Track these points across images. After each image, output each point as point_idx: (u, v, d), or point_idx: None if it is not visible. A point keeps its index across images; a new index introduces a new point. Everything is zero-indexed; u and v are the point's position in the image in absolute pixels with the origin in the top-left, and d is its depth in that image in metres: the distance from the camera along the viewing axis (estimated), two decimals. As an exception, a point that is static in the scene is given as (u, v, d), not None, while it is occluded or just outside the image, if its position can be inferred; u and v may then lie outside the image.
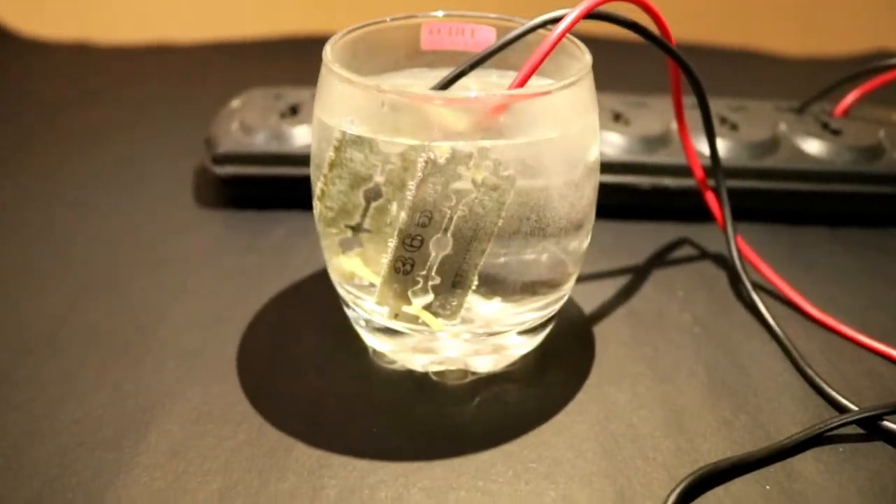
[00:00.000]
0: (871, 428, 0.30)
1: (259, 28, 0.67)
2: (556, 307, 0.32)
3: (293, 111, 0.44)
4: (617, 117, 0.44)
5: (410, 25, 0.32)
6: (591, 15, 0.29)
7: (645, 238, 0.42)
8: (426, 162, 0.27)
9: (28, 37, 0.69)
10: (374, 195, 0.30)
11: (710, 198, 0.38)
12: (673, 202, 0.42)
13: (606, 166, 0.41)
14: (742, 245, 0.37)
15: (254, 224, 0.42)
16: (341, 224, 0.31)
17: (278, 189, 0.42)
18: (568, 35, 0.29)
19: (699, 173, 0.38)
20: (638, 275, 0.39)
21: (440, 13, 0.32)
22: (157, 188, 0.46)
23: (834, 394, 0.31)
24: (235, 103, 0.45)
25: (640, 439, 0.29)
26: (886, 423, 0.30)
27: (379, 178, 0.29)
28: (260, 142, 0.42)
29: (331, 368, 0.32)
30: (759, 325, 0.35)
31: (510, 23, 0.31)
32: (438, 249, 0.28)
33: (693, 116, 0.38)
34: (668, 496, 0.27)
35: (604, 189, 0.40)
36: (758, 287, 0.37)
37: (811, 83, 0.48)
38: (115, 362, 0.33)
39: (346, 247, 0.31)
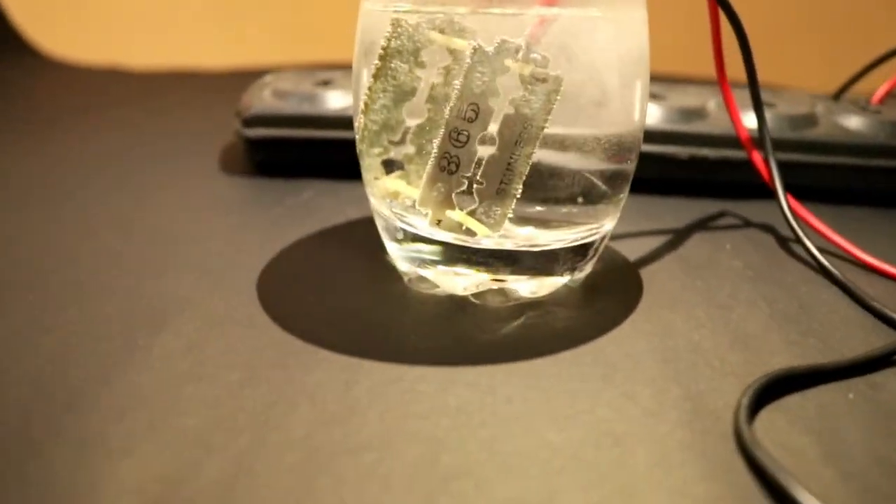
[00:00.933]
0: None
1: (277, 57, 0.68)
2: (598, 234, 0.30)
3: (326, 83, 0.43)
4: (652, 96, 0.43)
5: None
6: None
7: (685, 209, 0.39)
8: (474, 50, 0.26)
9: (59, 59, 0.71)
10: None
11: (756, 157, 0.36)
12: (711, 174, 0.40)
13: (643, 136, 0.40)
14: (792, 201, 0.36)
15: (282, 187, 0.40)
16: (384, 140, 0.30)
17: (309, 152, 0.41)
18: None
19: (742, 131, 0.36)
20: (681, 233, 0.37)
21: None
22: (184, 162, 0.45)
23: (908, 321, 0.28)
24: (268, 77, 0.45)
25: (702, 352, 0.26)
26: (972, 341, 0.27)
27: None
28: (292, 104, 0.41)
29: (363, 292, 0.30)
30: (815, 273, 0.33)
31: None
32: (484, 148, 0.27)
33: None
34: (744, 394, 0.24)
35: (641, 159, 0.39)
36: (811, 240, 0.34)
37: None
38: (131, 274, 0.30)
39: (388, 169, 0.30)
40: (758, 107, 0.35)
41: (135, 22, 0.74)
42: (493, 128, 0.26)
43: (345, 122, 0.40)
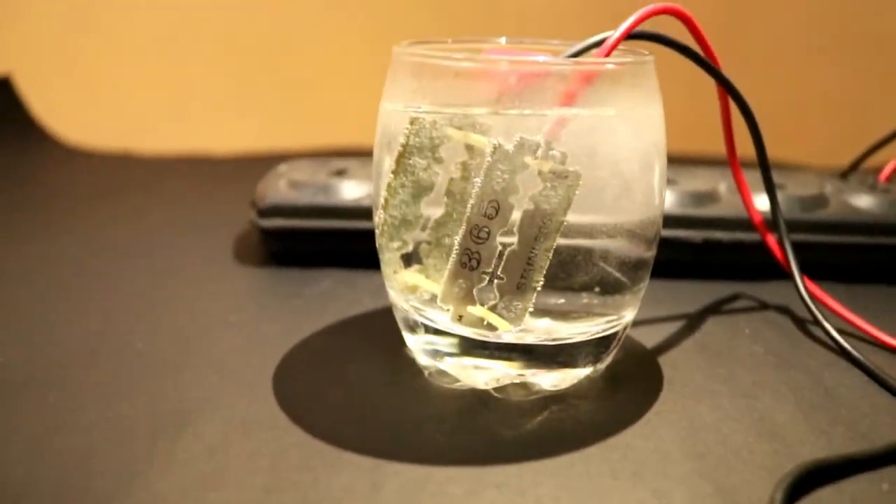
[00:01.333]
0: None
1: (289, 142, 0.70)
2: (619, 325, 0.30)
3: (340, 173, 0.44)
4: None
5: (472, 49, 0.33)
6: (640, 36, 0.29)
7: (701, 292, 0.40)
8: (494, 148, 0.27)
9: (74, 146, 0.72)
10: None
11: (770, 240, 0.37)
12: (725, 256, 0.41)
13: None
14: (809, 283, 0.36)
15: (299, 277, 0.41)
16: (403, 235, 0.30)
17: (324, 243, 0.41)
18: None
19: (756, 215, 0.37)
20: (699, 318, 0.37)
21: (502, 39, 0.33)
22: (199, 251, 0.45)
23: (937, 406, 0.28)
24: (283, 167, 0.45)
25: (731, 444, 0.26)
26: None
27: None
28: (307, 195, 0.42)
29: (384, 387, 0.30)
30: (836, 355, 0.33)
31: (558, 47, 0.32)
32: (505, 244, 0.27)
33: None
34: (776, 489, 0.23)
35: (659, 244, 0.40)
36: (829, 322, 0.34)
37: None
38: (150, 372, 0.30)
39: (406, 263, 0.30)
40: (770, 190, 0.35)
41: (147, 108, 0.76)
42: (513, 220, 0.27)
43: (360, 212, 0.41)
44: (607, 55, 0.27)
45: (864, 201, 0.42)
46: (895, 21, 0.69)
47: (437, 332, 0.29)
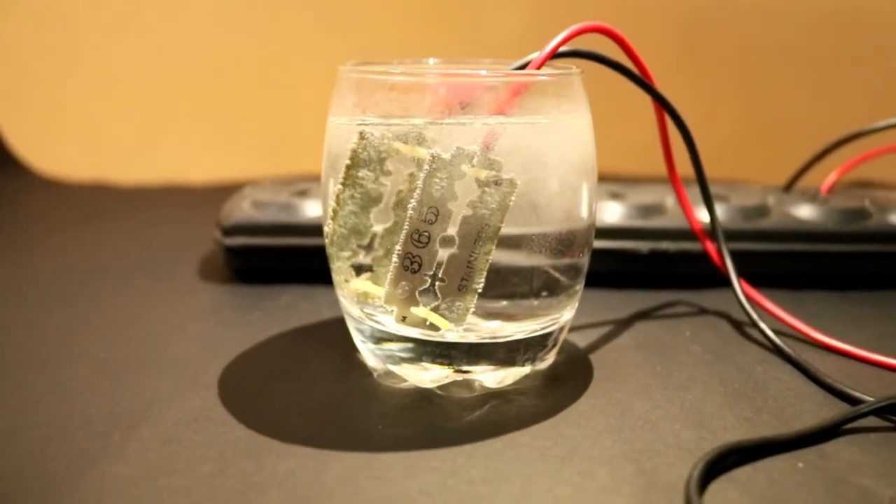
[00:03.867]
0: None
1: (259, 171, 0.72)
2: (556, 325, 0.32)
3: (301, 193, 0.46)
4: (614, 195, 0.46)
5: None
6: (575, 54, 0.32)
7: (646, 299, 0.42)
8: (432, 157, 0.29)
9: (48, 175, 0.75)
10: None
11: (710, 248, 0.39)
12: (672, 266, 0.43)
13: (606, 232, 0.43)
14: (745, 286, 0.38)
15: (260, 292, 0.43)
16: (353, 244, 0.32)
17: (286, 259, 0.43)
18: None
19: (696, 223, 0.39)
20: (643, 323, 0.39)
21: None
22: (165, 270, 0.47)
23: (857, 394, 0.30)
24: (248, 189, 0.48)
25: (658, 430, 0.28)
26: (916, 411, 0.29)
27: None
28: (269, 214, 0.44)
29: (334, 387, 0.32)
30: (771, 353, 0.35)
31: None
32: (445, 248, 0.29)
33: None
34: (695, 467, 0.25)
35: (604, 255, 0.42)
36: (765, 323, 0.36)
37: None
38: (112, 376, 0.32)
39: (357, 271, 0.32)
40: (707, 200, 0.38)
41: (121, 138, 0.78)
42: (452, 229, 0.29)
43: (321, 229, 0.43)
44: (537, 69, 0.30)
45: (804, 211, 0.44)
46: (839, 46, 0.73)
47: (386, 335, 0.31)
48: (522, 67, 0.32)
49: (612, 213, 0.44)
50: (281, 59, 0.77)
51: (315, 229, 0.43)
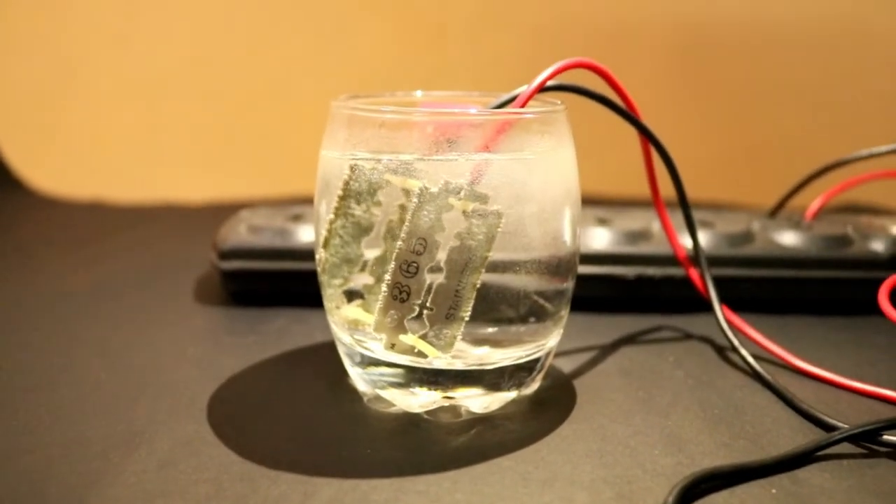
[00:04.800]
0: (872, 442, 0.30)
1: (254, 191, 0.74)
2: (541, 351, 0.33)
3: (296, 218, 0.48)
4: (601, 221, 0.48)
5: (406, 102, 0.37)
6: (561, 88, 0.34)
7: (632, 324, 0.43)
8: (421, 190, 0.30)
9: (45, 194, 0.76)
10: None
11: (693, 273, 0.41)
12: (658, 291, 0.45)
13: (592, 258, 0.44)
14: (728, 312, 0.39)
15: (256, 316, 0.44)
16: (344, 272, 0.34)
17: (281, 283, 0.45)
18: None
19: (679, 250, 0.40)
20: (626, 348, 0.40)
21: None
22: (161, 293, 0.48)
23: (832, 421, 0.31)
24: (244, 213, 0.49)
25: (637, 455, 0.29)
26: (887, 437, 0.30)
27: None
28: (265, 238, 0.45)
29: (324, 411, 0.33)
30: (751, 378, 0.36)
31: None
32: (433, 277, 0.31)
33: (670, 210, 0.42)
34: (670, 493, 0.26)
35: (590, 281, 0.44)
36: (746, 348, 0.38)
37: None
38: (109, 400, 0.34)
39: (348, 298, 0.34)
40: (691, 228, 0.39)
41: (119, 157, 0.80)
42: (442, 254, 0.30)
43: (314, 254, 0.44)
44: (522, 106, 0.32)
45: (788, 238, 0.46)
46: (827, 68, 0.75)
47: (375, 361, 0.32)
48: (510, 101, 0.33)
49: (599, 238, 0.45)
50: (279, 79, 0.79)
51: (309, 254, 0.45)
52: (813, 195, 0.50)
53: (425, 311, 0.30)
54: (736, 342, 0.37)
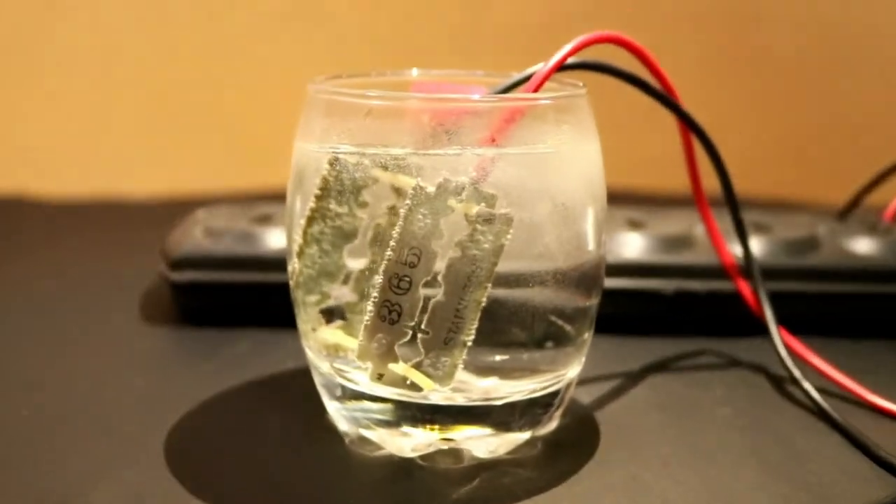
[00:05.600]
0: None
1: (210, 183, 0.74)
2: (560, 383, 0.34)
3: (264, 219, 0.48)
4: (633, 224, 0.48)
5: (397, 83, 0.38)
6: (581, 66, 0.34)
7: (670, 349, 0.44)
8: (415, 190, 0.31)
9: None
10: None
11: (744, 288, 0.41)
12: (701, 309, 0.45)
13: (622, 269, 0.45)
14: (786, 335, 0.40)
15: (215, 338, 0.45)
16: (323, 287, 0.34)
17: (246, 298, 0.45)
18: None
19: (728, 258, 0.41)
20: (663, 379, 0.41)
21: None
22: (101, 310, 0.49)
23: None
24: (200, 213, 0.50)
25: (677, 512, 0.30)
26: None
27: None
28: (226, 245, 0.46)
29: (299, 457, 0.33)
30: (816, 417, 0.37)
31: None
32: (429, 294, 0.31)
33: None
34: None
35: (621, 297, 0.44)
36: (809, 380, 0.38)
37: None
38: (41, 444, 0.34)
39: (327, 319, 0.34)
40: (741, 232, 0.40)
41: (47, 145, 0.80)
42: (439, 270, 0.31)
43: (286, 263, 0.45)
44: (536, 90, 0.32)
45: (861, 245, 0.46)
46: None
47: (361, 396, 0.33)
48: (521, 83, 0.34)
49: (630, 245, 0.46)
50: (244, 52, 0.80)
51: (280, 264, 0.45)
52: (893, 191, 0.51)
53: (420, 335, 0.30)
54: (797, 373, 0.38)
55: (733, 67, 0.76)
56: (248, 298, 0.46)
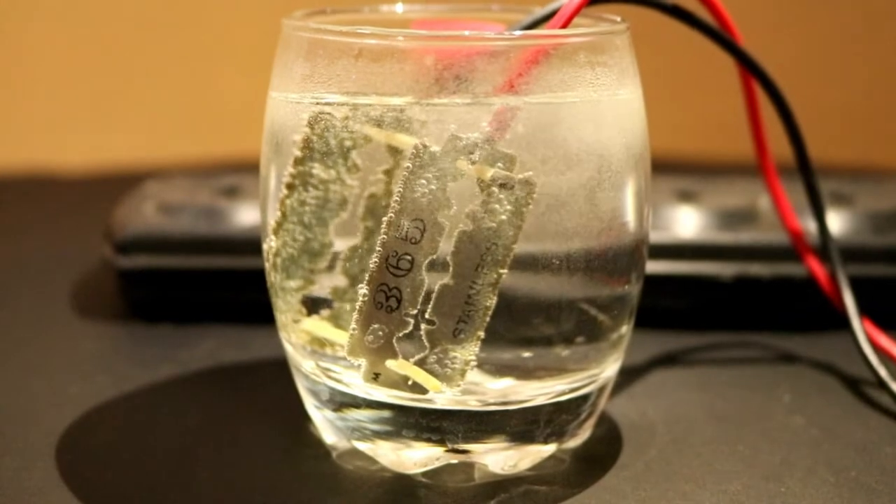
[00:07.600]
0: None
1: (163, 152, 0.75)
2: (591, 385, 0.34)
3: (231, 191, 0.49)
4: (684, 196, 0.49)
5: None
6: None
7: (727, 347, 0.45)
8: (417, 149, 0.31)
9: None
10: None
11: (819, 272, 0.42)
12: (766, 298, 0.46)
13: (669, 250, 0.46)
14: (871, 329, 0.40)
15: (172, 336, 0.45)
16: (305, 269, 0.35)
17: (210, 288, 0.46)
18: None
19: (799, 238, 0.42)
20: (718, 381, 0.42)
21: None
22: (31, 303, 0.50)
23: None
24: (151, 185, 0.50)
25: (737, 537, 0.31)
26: None
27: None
28: (184, 223, 0.47)
29: (277, 471, 0.34)
30: (906, 427, 0.38)
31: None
32: (435, 277, 0.32)
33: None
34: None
35: (666, 283, 0.45)
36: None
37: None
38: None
39: (311, 308, 0.35)
40: (816, 204, 0.41)
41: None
42: (446, 248, 0.31)
43: (259, 245, 0.46)
44: (564, 25, 0.33)
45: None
46: None
47: (351, 399, 0.34)
48: (546, 19, 0.34)
49: (681, 221, 0.46)
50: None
51: (251, 244, 0.46)
52: None
53: (423, 326, 0.31)
54: (883, 373, 0.39)
55: (808, 4, 0.76)
56: (213, 288, 0.46)
